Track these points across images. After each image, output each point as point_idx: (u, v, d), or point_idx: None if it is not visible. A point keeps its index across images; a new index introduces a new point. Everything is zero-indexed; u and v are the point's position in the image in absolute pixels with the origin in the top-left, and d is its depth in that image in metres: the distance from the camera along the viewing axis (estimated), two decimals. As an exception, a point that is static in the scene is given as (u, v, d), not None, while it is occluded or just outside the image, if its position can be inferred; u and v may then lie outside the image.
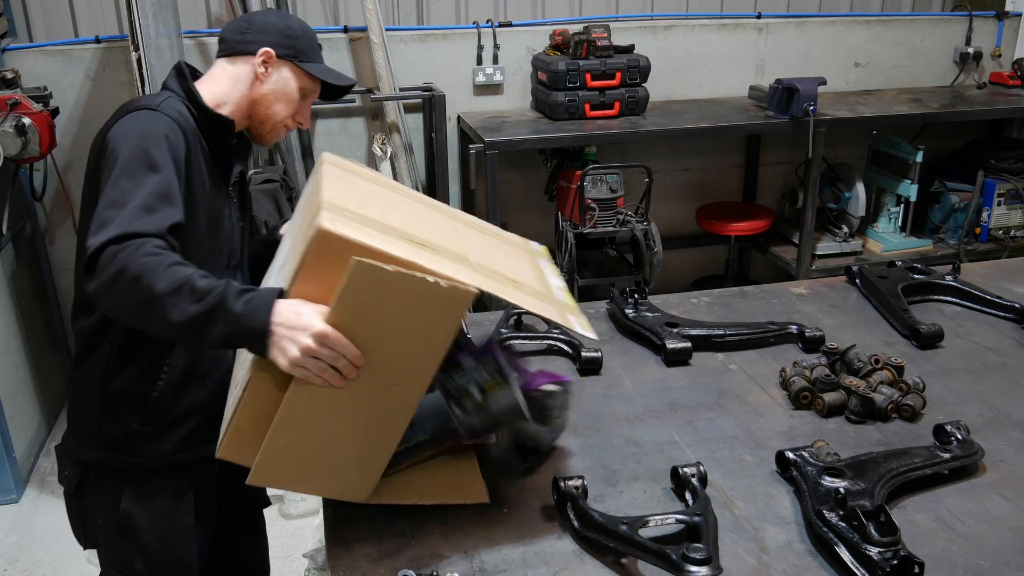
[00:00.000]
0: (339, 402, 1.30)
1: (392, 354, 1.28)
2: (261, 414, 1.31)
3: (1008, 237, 4.27)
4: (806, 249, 4.04)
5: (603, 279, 3.86)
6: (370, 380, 1.29)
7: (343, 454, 1.35)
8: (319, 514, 2.68)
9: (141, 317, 1.33)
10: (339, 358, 1.24)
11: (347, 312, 1.24)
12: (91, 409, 1.65)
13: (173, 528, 1.72)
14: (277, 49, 1.68)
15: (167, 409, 1.65)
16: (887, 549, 1.25)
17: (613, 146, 4.12)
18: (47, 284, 3.84)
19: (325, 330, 1.22)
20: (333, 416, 1.31)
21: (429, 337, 1.29)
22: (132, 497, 1.68)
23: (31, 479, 3.38)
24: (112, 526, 1.69)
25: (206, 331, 1.28)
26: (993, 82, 4.57)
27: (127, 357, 1.61)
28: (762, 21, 4.32)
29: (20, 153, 3.13)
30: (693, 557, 1.22)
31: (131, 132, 1.50)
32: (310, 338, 1.22)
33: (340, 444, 1.34)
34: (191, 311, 1.27)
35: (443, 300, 1.26)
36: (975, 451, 1.56)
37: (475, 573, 1.31)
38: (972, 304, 2.24)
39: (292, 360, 1.24)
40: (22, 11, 3.65)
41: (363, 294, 1.23)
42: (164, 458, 1.68)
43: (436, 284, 1.24)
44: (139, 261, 1.30)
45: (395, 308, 1.25)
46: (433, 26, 4.00)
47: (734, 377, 1.90)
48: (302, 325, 1.23)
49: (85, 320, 1.62)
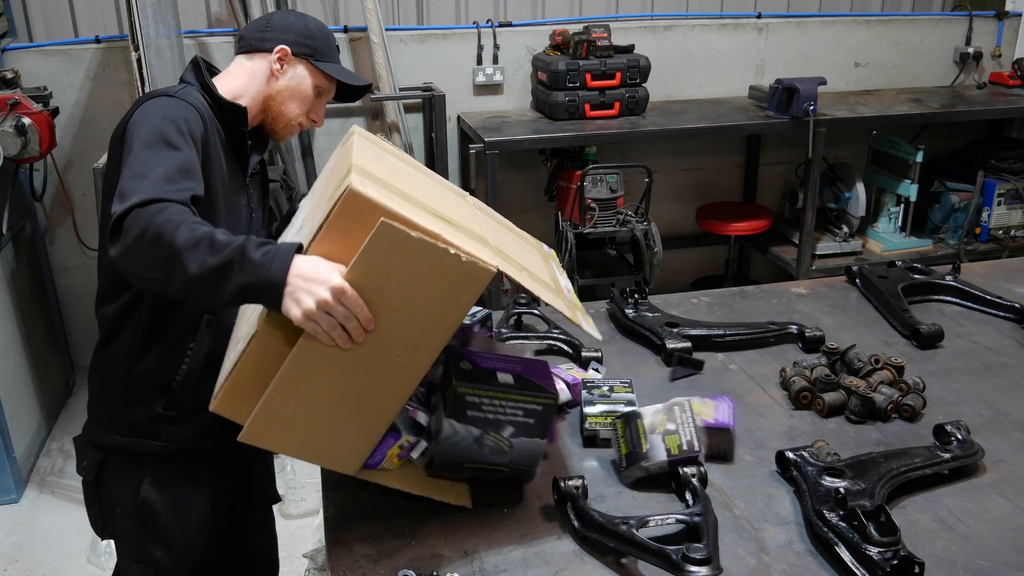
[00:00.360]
0: (343, 366, 1.28)
1: (402, 324, 1.27)
2: (262, 370, 1.29)
3: (1008, 237, 4.27)
4: (806, 249, 4.04)
5: (603, 279, 3.86)
6: (376, 348, 1.27)
7: (339, 422, 1.33)
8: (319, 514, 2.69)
9: (162, 275, 1.31)
10: (351, 318, 1.23)
11: (365, 273, 1.23)
12: (115, 394, 1.67)
13: (191, 517, 1.74)
14: (293, 47, 1.73)
15: (191, 393, 1.67)
16: (887, 549, 1.25)
17: (613, 146, 4.12)
18: (47, 284, 3.85)
19: (343, 286, 1.21)
20: (334, 380, 1.29)
21: (442, 312, 1.28)
22: (152, 485, 1.70)
23: (31, 479, 3.38)
24: (131, 514, 1.71)
25: (223, 282, 1.26)
26: (993, 82, 4.57)
27: (152, 340, 1.63)
28: (762, 21, 4.32)
29: (20, 153, 3.13)
30: (693, 557, 1.22)
31: (151, 115, 1.53)
32: (327, 291, 1.21)
33: (337, 411, 1.32)
34: (209, 262, 1.26)
35: (461, 275, 1.25)
36: (975, 451, 1.56)
37: (475, 573, 1.31)
38: (972, 304, 2.24)
39: (306, 311, 1.22)
40: (22, 11, 3.65)
41: (384, 256, 1.22)
42: (186, 443, 1.70)
43: (457, 257, 1.23)
44: (161, 219, 1.31)
45: (412, 276, 1.24)
46: (433, 26, 4.00)
47: (734, 377, 1.90)
48: (320, 278, 1.22)
49: (110, 307, 1.64)
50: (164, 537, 1.72)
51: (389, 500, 1.48)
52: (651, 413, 1.53)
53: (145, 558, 1.74)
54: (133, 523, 1.72)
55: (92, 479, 1.74)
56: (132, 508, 1.71)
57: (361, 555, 1.35)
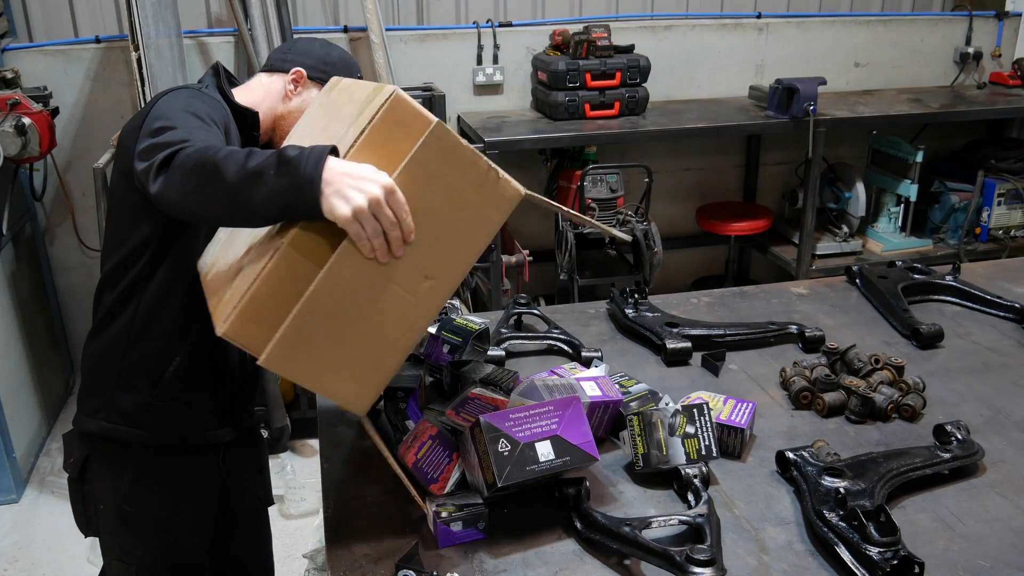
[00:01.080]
0: (374, 286, 1.24)
1: (437, 241, 1.27)
2: (282, 291, 1.22)
3: (1008, 237, 4.27)
4: (806, 249, 4.04)
5: (603, 279, 3.86)
6: (409, 267, 1.26)
7: (360, 351, 1.28)
8: (319, 514, 2.69)
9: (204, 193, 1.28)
10: (395, 226, 1.20)
11: (413, 177, 1.20)
12: (107, 380, 1.67)
13: (174, 517, 1.73)
14: (310, 71, 1.76)
15: (183, 385, 1.66)
16: (887, 549, 1.25)
17: (613, 146, 4.12)
18: (47, 284, 3.85)
19: (394, 185, 1.18)
20: (364, 303, 1.25)
21: (473, 231, 1.29)
22: (133, 482, 1.69)
23: (31, 479, 3.38)
24: (113, 512, 1.71)
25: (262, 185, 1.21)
26: (993, 82, 4.57)
27: (148, 326, 1.62)
28: (762, 21, 4.32)
29: (20, 153, 3.13)
30: (697, 558, 1.22)
31: (174, 100, 1.55)
32: (380, 189, 1.17)
33: (360, 339, 1.27)
34: (248, 166, 1.22)
35: (495, 194, 1.26)
36: (975, 451, 1.56)
37: (475, 573, 1.31)
38: (972, 304, 2.24)
39: (356, 209, 1.16)
40: (22, 11, 3.65)
41: (432, 163, 1.21)
42: (173, 436, 1.69)
43: (495, 173, 1.24)
44: (202, 146, 1.31)
45: (454, 187, 1.24)
46: (433, 26, 4.00)
47: (734, 377, 1.90)
48: (370, 177, 1.18)
49: (110, 294, 1.64)
50: (146, 536, 1.71)
51: (389, 500, 1.48)
52: (670, 414, 1.53)
53: (127, 557, 1.73)
54: (115, 521, 1.71)
55: (76, 476, 1.74)
56: (114, 506, 1.70)
57: (361, 555, 1.35)
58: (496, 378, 1.71)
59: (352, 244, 1.21)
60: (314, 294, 1.21)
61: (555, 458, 1.38)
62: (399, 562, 1.29)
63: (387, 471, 1.50)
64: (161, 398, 1.66)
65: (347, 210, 1.17)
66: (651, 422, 1.51)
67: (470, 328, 1.88)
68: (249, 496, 1.97)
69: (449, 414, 1.53)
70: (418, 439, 1.48)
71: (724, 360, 1.94)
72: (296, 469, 3.35)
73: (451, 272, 1.30)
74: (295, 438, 3.55)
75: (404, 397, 1.66)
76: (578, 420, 1.43)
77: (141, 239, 1.58)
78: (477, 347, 1.90)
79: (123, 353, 1.64)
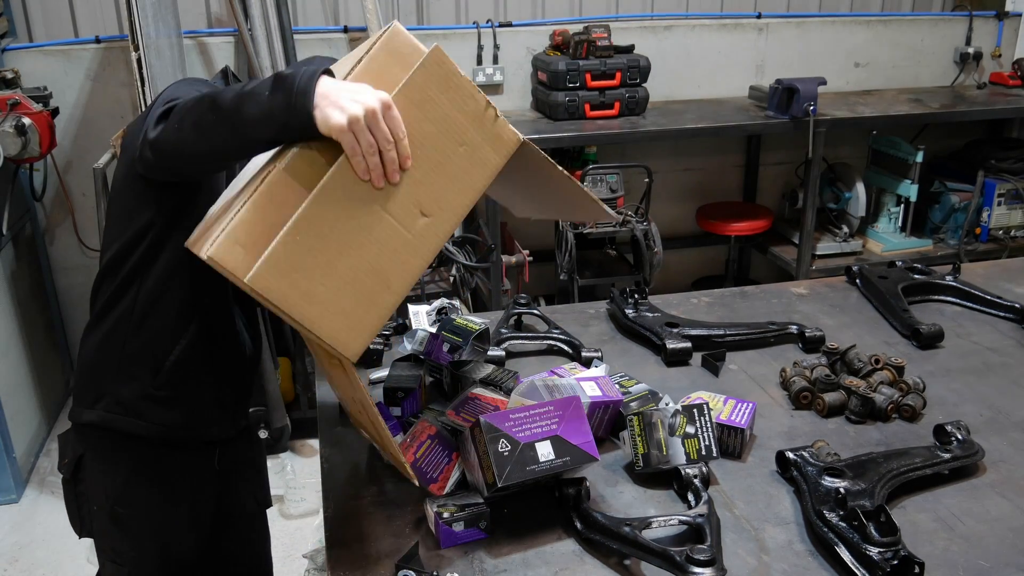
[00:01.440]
0: (368, 215, 1.22)
1: (431, 175, 1.25)
2: (274, 214, 1.18)
3: (1008, 237, 4.27)
4: (806, 249, 4.04)
5: (603, 279, 3.86)
6: (404, 199, 1.24)
7: (354, 285, 1.23)
8: (319, 514, 2.69)
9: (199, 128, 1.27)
10: (391, 146, 1.19)
11: (410, 99, 1.19)
12: (108, 369, 1.65)
13: (167, 518, 1.72)
14: None
15: (184, 374, 1.65)
16: (887, 549, 1.25)
17: (613, 146, 4.12)
18: (47, 284, 3.85)
19: (391, 101, 1.17)
20: (357, 231, 1.21)
21: (470, 170, 1.28)
22: (127, 481, 1.68)
23: (31, 479, 3.38)
24: (106, 512, 1.69)
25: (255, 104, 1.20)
26: (993, 82, 4.57)
27: (149, 314, 1.61)
28: (762, 21, 4.32)
29: (20, 153, 3.13)
30: (698, 559, 1.22)
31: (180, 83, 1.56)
32: (377, 101, 1.16)
33: (354, 272, 1.23)
34: (243, 90, 1.22)
35: (493, 133, 1.25)
36: (975, 451, 1.56)
37: (475, 573, 1.31)
38: (972, 304, 2.24)
39: (352, 118, 1.15)
40: (22, 11, 3.65)
41: (430, 88, 1.21)
42: (170, 430, 1.67)
43: (494, 111, 1.23)
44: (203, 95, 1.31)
45: (450, 119, 1.23)
46: (433, 26, 4.00)
47: (734, 377, 1.90)
48: (367, 91, 1.17)
49: (110, 283, 1.62)
50: (139, 537, 1.70)
51: (389, 500, 1.48)
52: (670, 414, 1.53)
53: (120, 558, 1.72)
54: (108, 522, 1.70)
55: (70, 476, 1.73)
56: (107, 506, 1.69)
57: (361, 555, 1.35)
58: (496, 378, 1.71)
59: (347, 163, 1.19)
60: (305, 212, 1.18)
61: (555, 458, 1.38)
62: (399, 562, 1.29)
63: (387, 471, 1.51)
64: (162, 387, 1.64)
65: (342, 119, 1.15)
66: (651, 422, 1.51)
67: (470, 328, 1.88)
68: (246, 498, 1.95)
69: (449, 414, 1.53)
70: (417, 439, 1.48)
71: (724, 360, 1.94)
72: (296, 469, 3.36)
73: (448, 211, 1.28)
74: (295, 438, 3.55)
75: (404, 397, 1.66)
76: (578, 420, 1.43)
77: (142, 224, 1.56)
78: (477, 347, 1.90)
79: (123, 342, 1.62)
